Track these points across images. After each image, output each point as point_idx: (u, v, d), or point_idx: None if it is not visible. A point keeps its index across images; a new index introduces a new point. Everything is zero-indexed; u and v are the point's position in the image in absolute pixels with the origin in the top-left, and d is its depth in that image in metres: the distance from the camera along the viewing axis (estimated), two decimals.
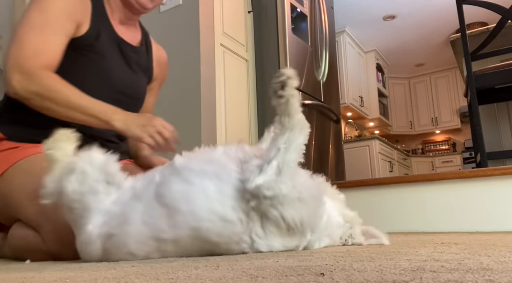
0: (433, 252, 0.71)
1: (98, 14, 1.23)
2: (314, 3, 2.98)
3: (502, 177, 1.51)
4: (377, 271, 0.49)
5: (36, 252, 1.01)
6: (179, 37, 2.31)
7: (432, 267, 0.51)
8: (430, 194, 1.63)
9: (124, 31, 1.33)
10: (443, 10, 5.14)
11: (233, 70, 2.42)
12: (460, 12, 2.22)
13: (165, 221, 0.79)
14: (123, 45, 1.30)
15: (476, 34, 2.75)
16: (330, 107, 2.90)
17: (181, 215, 0.78)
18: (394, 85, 7.14)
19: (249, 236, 0.78)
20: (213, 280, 0.48)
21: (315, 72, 2.86)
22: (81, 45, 1.18)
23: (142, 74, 1.40)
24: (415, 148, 7.33)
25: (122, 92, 1.28)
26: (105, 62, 1.23)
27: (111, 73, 1.25)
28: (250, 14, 2.67)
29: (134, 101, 1.36)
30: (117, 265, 0.72)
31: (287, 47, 2.52)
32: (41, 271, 0.68)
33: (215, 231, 0.77)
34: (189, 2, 2.30)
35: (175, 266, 0.64)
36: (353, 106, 5.34)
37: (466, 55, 2.19)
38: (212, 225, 0.77)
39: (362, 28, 5.62)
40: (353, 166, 4.71)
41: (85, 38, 1.19)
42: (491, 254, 0.65)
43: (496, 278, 0.41)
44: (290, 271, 0.52)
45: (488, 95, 2.54)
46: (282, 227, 0.77)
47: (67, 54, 1.16)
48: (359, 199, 1.75)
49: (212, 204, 0.77)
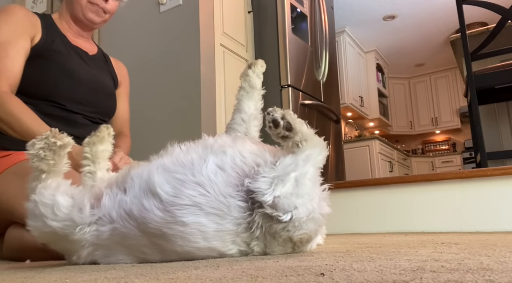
0: (433, 252, 0.71)
1: (48, 28, 1.37)
2: (314, 3, 2.98)
3: (502, 177, 1.51)
4: (377, 271, 0.49)
5: (33, 251, 1.02)
6: (179, 37, 2.31)
7: (432, 267, 0.51)
8: (430, 194, 1.63)
9: (80, 43, 1.46)
10: (443, 10, 5.14)
11: (233, 70, 2.41)
12: (460, 12, 2.22)
13: (158, 256, 0.75)
14: (80, 51, 1.43)
15: (476, 34, 2.74)
16: (330, 107, 2.90)
17: (177, 254, 0.73)
18: (394, 85, 7.14)
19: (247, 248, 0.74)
20: (213, 280, 0.48)
21: (315, 72, 2.86)
22: (40, 51, 1.30)
23: (105, 74, 1.51)
24: (415, 148, 7.33)
25: (92, 88, 1.39)
26: (66, 60, 1.34)
27: (74, 70, 1.35)
28: (250, 14, 2.67)
29: (106, 96, 1.46)
30: (117, 265, 0.72)
31: (287, 47, 2.52)
32: (41, 271, 0.68)
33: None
34: (189, 2, 2.30)
35: (175, 266, 0.64)
36: (353, 106, 5.34)
37: (466, 55, 2.19)
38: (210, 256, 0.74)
39: (362, 28, 5.62)
40: (353, 166, 4.71)
41: (41, 44, 1.31)
42: (491, 254, 0.65)
43: (496, 278, 0.41)
44: (290, 271, 0.52)
45: (488, 95, 2.54)
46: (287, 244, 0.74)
47: (32, 63, 1.28)
48: (359, 199, 1.75)
49: (212, 243, 0.71)
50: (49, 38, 1.34)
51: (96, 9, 1.43)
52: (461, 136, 6.94)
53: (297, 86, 2.55)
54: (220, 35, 2.35)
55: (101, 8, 1.43)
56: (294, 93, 2.50)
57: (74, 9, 1.42)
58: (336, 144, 2.98)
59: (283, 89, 2.47)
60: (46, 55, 1.31)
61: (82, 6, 1.41)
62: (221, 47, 2.34)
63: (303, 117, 0.75)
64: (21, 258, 1.05)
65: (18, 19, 1.28)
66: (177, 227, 0.70)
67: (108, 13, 1.46)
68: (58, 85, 1.30)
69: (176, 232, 0.70)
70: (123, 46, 2.55)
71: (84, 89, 1.36)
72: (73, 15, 1.43)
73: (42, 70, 1.29)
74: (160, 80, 2.35)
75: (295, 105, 2.48)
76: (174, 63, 2.31)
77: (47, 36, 1.34)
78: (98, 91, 1.42)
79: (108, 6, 1.44)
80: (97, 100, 1.41)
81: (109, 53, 1.65)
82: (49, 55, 1.31)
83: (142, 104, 2.25)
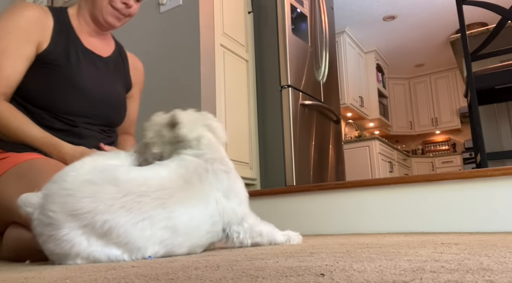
0: (433, 253, 0.71)
1: (61, 31, 1.29)
2: (314, 4, 2.98)
3: (502, 177, 1.51)
4: (377, 272, 0.49)
5: (32, 251, 1.02)
6: (179, 37, 2.31)
7: (432, 267, 0.51)
8: (430, 194, 1.63)
9: (94, 43, 1.38)
10: (443, 10, 5.14)
11: (233, 70, 2.41)
12: (460, 13, 2.21)
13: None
14: (93, 57, 1.36)
15: (476, 34, 2.75)
16: (330, 108, 2.90)
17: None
18: (394, 85, 7.14)
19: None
20: (213, 280, 0.48)
21: (315, 72, 2.86)
22: (47, 59, 1.25)
23: (118, 81, 1.44)
24: (415, 148, 7.33)
25: (100, 101, 1.32)
26: (75, 72, 1.27)
27: (82, 84, 1.28)
28: (250, 14, 2.67)
29: (114, 108, 1.39)
30: (117, 265, 0.72)
31: (287, 47, 2.52)
32: (41, 271, 0.68)
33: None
34: (189, 2, 2.30)
35: (175, 267, 0.64)
36: (353, 106, 5.34)
37: (466, 56, 2.19)
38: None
39: (362, 29, 5.62)
40: (353, 166, 4.71)
41: (47, 53, 1.25)
42: (491, 255, 0.65)
43: (496, 278, 0.41)
44: (290, 272, 0.52)
45: (488, 96, 2.54)
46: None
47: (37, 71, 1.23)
48: (359, 199, 1.75)
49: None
50: (58, 44, 1.27)
51: (117, 14, 1.35)
52: (461, 136, 6.94)
53: (297, 86, 2.56)
54: (220, 36, 2.35)
55: (123, 13, 1.36)
56: (294, 93, 2.50)
57: (94, 9, 1.33)
58: (336, 144, 2.98)
59: (283, 89, 2.47)
60: (54, 65, 1.25)
61: (103, 8, 1.33)
62: (221, 48, 2.34)
63: (303, 118, 0.75)
64: (20, 258, 1.04)
65: (27, 23, 1.22)
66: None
67: (129, 16, 1.40)
68: (65, 101, 1.24)
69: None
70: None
71: (91, 103, 1.30)
72: (92, 14, 1.35)
73: (48, 81, 1.24)
74: (160, 80, 2.35)
75: (295, 105, 2.48)
76: (174, 63, 2.31)
77: (56, 42, 1.27)
78: (107, 103, 1.35)
79: (131, 10, 1.37)
80: (104, 113, 1.34)
81: None
82: (57, 65, 1.25)
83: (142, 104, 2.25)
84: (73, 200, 0.78)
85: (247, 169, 2.41)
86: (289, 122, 2.41)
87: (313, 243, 1.12)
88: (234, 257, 0.76)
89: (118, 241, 0.78)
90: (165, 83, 2.32)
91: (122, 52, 1.52)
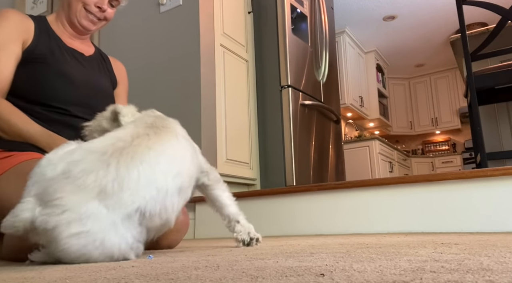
0: (433, 253, 0.71)
1: (42, 32, 1.35)
2: (314, 4, 2.99)
3: (502, 177, 1.51)
4: (377, 272, 0.49)
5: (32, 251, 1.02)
6: (179, 37, 2.31)
7: (432, 267, 0.51)
8: (430, 194, 1.63)
9: (75, 44, 1.44)
10: (443, 11, 5.14)
11: (233, 70, 2.42)
12: (460, 13, 2.22)
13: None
14: (75, 53, 1.41)
15: (476, 34, 2.75)
16: (330, 108, 2.90)
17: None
18: (394, 85, 7.14)
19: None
20: (213, 280, 0.48)
21: (315, 72, 2.86)
22: (32, 54, 1.29)
23: (102, 76, 1.49)
24: (415, 148, 7.33)
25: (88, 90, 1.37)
26: (61, 63, 1.33)
27: (69, 73, 1.33)
28: (250, 14, 2.67)
29: (103, 98, 1.43)
30: (117, 265, 0.72)
31: (287, 47, 2.52)
32: (41, 271, 0.68)
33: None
34: (189, 3, 2.30)
35: (175, 267, 0.64)
36: (353, 106, 5.34)
37: (466, 56, 2.19)
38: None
39: (362, 29, 5.62)
40: (353, 166, 4.71)
41: (32, 48, 1.30)
42: (491, 255, 0.65)
43: (496, 278, 0.41)
44: (290, 272, 0.52)
45: (488, 96, 2.54)
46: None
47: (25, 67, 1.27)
48: (359, 199, 1.75)
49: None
50: (41, 41, 1.33)
51: (92, 18, 1.41)
52: (461, 136, 6.94)
53: (297, 86, 2.56)
54: (220, 36, 2.35)
55: (97, 17, 1.41)
56: (294, 93, 2.50)
57: (70, 13, 1.40)
58: (336, 144, 2.98)
59: (283, 89, 2.47)
60: (39, 59, 1.29)
61: (77, 12, 1.39)
62: (221, 48, 2.34)
63: (303, 118, 0.75)
64: (21, 258, 1.04)
65: (12, 24, 1.28)
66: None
67: (105, 20, 1.44)
68: (53, 88, 1.29)
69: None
70: (123, 47, 2.55)
71: (80, 92, 1.34)
72: (68, 18, 1.41)
73: (35, 73, 1.28)
74: (160, 80, 2.35)
75: (295, 105, 2.48)
76: (174, 63, 2.31)
77: (39, 39, 1.32)
78: (95, 92, 1.40)
79: (106, 14, 1.42)
80: (94, 102, 1.38)
81: (109, 53, 1.65)
82: (42, 59, 1.30)
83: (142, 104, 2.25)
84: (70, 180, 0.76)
85: (247, 169, 2.41)
86: (289, 122, 2.41)
87: (313, 243, 1.12)
88: (234, 257, 0.76)
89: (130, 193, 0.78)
90: (165, 83, 2.32)
91: (103, 54, 1.58)
